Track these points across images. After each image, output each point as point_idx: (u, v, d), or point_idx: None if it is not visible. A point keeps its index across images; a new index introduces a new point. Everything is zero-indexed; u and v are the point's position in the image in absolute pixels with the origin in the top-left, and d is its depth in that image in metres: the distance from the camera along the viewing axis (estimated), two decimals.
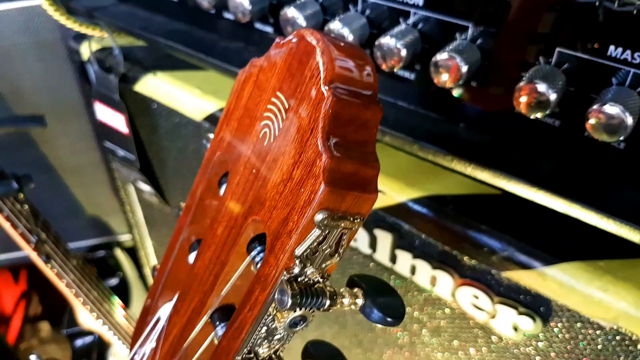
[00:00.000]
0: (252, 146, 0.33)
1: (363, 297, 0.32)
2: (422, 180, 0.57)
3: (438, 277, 0.60)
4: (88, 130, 1.30)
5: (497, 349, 0.62)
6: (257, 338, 0.32)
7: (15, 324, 1.62)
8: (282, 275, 0.29)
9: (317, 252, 0.29)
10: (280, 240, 0.29)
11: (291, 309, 0.29)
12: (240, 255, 0.35)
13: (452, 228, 0.54)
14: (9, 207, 1.03)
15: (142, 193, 1.02)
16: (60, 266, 1.18)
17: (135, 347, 0.46)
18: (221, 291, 0.36)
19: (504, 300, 0.56)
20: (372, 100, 0.28)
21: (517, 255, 0.51)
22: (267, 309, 0.31)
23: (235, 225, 0.34)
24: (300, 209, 0.28)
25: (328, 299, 0.30)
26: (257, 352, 0.33)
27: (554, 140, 0.48)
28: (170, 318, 0.41)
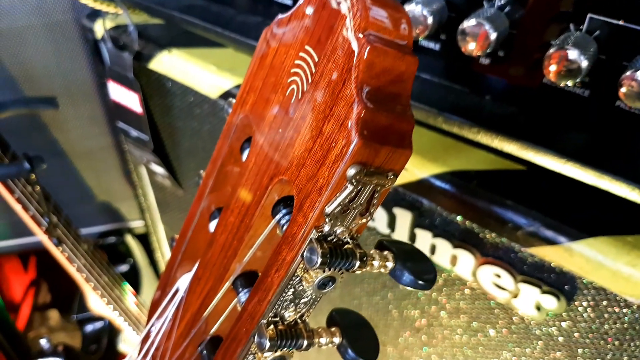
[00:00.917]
0: (279, 105, 0.32)
1: (393, 261, 0.31)
2: (445, 156, 0.56)
3: (459, 256, 0.59)
4: (100, 114, 1.29)
5: (518, 330, 0.60)
6: (284, 301, 0.31)
7: (24, 312, 1.63)
8: (311, 234, 0.28)
9: (348, 210, 0.28)
10: (309, 198, 0.28)
11: (320, 268, 0.28)
12: (264, 218, 0.34)
13: (475, 204, 0.53)
14: (20, 189, 1.03)
15: (154, 175, 1.02)
16: (71, 250, 1.18)
17: (153, 319, 0.45)
18: (244, 257, 0.35)
19: (527, 279, 0.55)
20: (408, 51, 0.27)
21: (543, 231, 0.50)
22: (294, 270, 0.30)
23: (259, 188, 0.33)
24: (331, 164, 0.27)
25: (358, 260, 0.29)
26: (283, 316, 0.32)
27: (584, 110, 0.46)
28: (190, 287, 0.40)
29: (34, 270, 1.76)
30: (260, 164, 0.33)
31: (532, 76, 0.47)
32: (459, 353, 0.70)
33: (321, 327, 0.33)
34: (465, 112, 0.49)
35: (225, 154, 0.38)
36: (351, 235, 0.29)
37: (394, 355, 0.80)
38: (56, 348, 1.19)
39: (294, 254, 0.29)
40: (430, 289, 0.31)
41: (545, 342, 0.59)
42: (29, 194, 1.06)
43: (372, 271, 0.30)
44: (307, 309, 0.32)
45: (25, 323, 1.55)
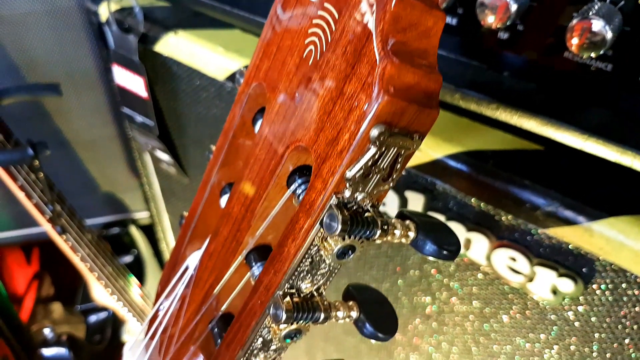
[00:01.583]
0: (295, 68, 0.30)
1: (415, 230, 0.29)
2: (460, 136, 0.54)
3: (473, 239, 0.58)
4: (104, 103, 1.28)
5: (533, 315, 0.59)
6: (301, 272, 0.29)
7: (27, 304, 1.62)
8: (330, 200, 0.27)
9: (370, 174, 0.26)
10: (329, 163, 0.27)
11: (340, 235, 0.27)
12: (279, 189, 0.32)
13: (492, 184, 0.51)
14: (24, 177, 1.02)
15: (159, 163, 1.00)
16: (75, 239, 1.17)
17: (161, 298, 0.43)
18: (257, 230, 0.34)
19: (543, 262, 0.53)
20: (434, 5, 0.26)
21: (562, 211, 0.48)
22: (312, 238, 0.28)
23: (274, 157, 0.32)
24: (353, 125, 0.25)
25: (379, 228, 0.28)
26: (300, 288, 0.30)
27: (606, 86, 0.45)
28: (201, 263, 0.39)
29: (37, 263, 1.75)
30: (274, 132, 0.32)
31: (552, 50, 0.46)
32: (470, 340, 0.69)
33: (338, 301, 0.32)
34: (483, 88, 0.48)
35: (237, 126, 0.37)
36: (372, 203, 0.28)
37: (403, 343, 0.78)
38: (60, 338, 1.18)
39: (312, 221, 0.28)
40: (454, 259, 0.29)
41: (560, 328, 0.57)
42: (32, 181, 1.05)
43: (393, 241, 0.29)
44: (324, 281, 0.31)
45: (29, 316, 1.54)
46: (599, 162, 0.47)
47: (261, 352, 0.33)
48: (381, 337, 0.32)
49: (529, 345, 0.62)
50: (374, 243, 0.28)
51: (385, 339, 0.32)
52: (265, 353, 0.33)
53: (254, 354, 0.33)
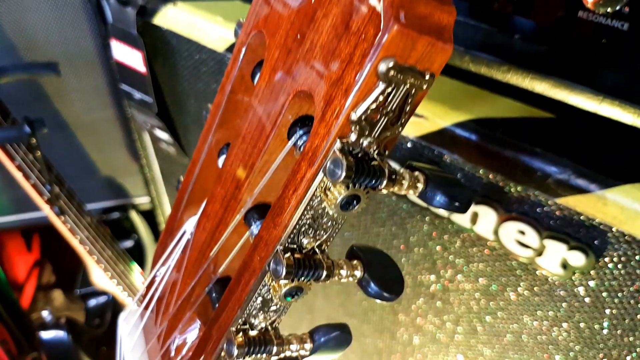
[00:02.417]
0: (297, 9, 0.29)
1: (424, 182, 0.27)
2: (468, 103, 0.52)
3: (480, 213, 0.56)
4: (103, 85, 1.26)
5: (541, 291, 0.57)
6: (302, 226, 0.28)
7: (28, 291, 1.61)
8: (335, 145, 0.25)
9: (377, 117, 0.25)
10: (333, 105, 0.25)
11: (344, 183, 0.25)
12: (280, 142, 0.31)
13: (501, 153, 0.49)
14: (21, 157, 1.00)
15: (159, 143, 0.99)
16: (73, 221, 1.15)
17: (157, 266, 0.42)
18: (257, 186, 0.32)
19: (553, 235, 0.52)
20: None
21: (574, 179, 0.46)
22: (315, 188, 0.26)
23: (275, 107, 0.30)
24: (359, 60, 0.24)
25: (386, 177, 0.26)
26: (302, 244, 0.28)
27: (622, 46, 0.43)
28: (198, 225, 0.37)
29: (38, 251, 1.74)
30: (275, 81, 0.30)
31: (566, 10, 0.44)
32: (475, 319, 0.67)
33: (342, 260, 0.30)
34: (494, 51, 0.46)
35: (235, 80, 0.35)
36: (379, 151, 0.26)
37: (406, 323, 0.77)
38: (58, 321, 1.17)
39: (314, 170, 0.26)
40: (465, 212, 0.28)
41: (569, 304, 0.56)
42: (30, 162, 1.03)
43: (400, 192, 0.27)
44: (327, 237, 0.29)
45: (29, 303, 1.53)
46: (613, 127, 0.45)
47: (261, 313, 0.31)
48: (387, 297, 0.30)
49: (536, 323, 0.60)
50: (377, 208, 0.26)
51: (390, 299, 0.30)
52: (265, 314, 0.31)
53: (253, 315, 0.31)
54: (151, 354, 0.41)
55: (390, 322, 0.81)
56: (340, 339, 0.33)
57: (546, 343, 0.61)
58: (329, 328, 0.33)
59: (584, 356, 0.58)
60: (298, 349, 0.33)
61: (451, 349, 0.73)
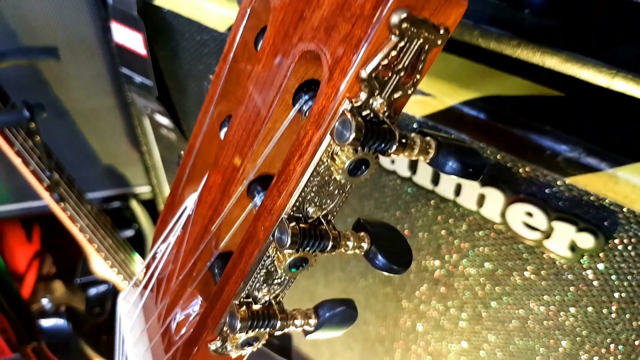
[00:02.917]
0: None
1: (436, 149, 0.26)
2: (477, 81, 0.51)
3: (487, 195, 0.55)
4: (104, 72, 1.25)
5: (548, 275, 0.56)
6: (309, 192, 0.27)
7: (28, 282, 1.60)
8: (343, 106, 0.24)
9: (389, 74, 0.23)
10: (341, 62, 0.24)
11: (352, 145, 0.24)
12: (285, 108, 0.30)
13: (510, 131, 0.48)
14: (20, 142, 0.99)
15: (159, 129, 0.98)
16: (73, 209, 1.14)
17: (157, 243, 0.41)
18: (260, 155, 0.31)
19: (562, 216, 0.50)
20: None
21: (585, 157, 0.45)
22: (321, 153, 0.25)
23: (279, 70, 0.29)
24: (370, 12, 0.22)
25: (397, 141, 0.25)
26: (307, 213, 0.27)
27: (635, 19, 0.41)
28: (200, 199, 0.36)
29: (38, 242, 1.73)
30: (280, 42, 0.29)
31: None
32: (480, 305, 0.66)
33: (349, 231, 0.29)
34: (504, 26, 0.45)
35: (238, 47, 0.34)
36: (389, 113, 0.25)
37: (409, 310, 0.76)
38: (58, 309, 1.16)
39: (321, 132, 0.25)
40: (478, 178, 0.26)
41: (577, 288, 0.55)
42: (29, 148, 1.02)
43: (411, 157, 0.26)
44: (334, 206, 0.28)
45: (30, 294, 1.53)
46: (625, 104, 0.44)
47: (264, 286, 0.30)
48: (395, 269, 0.29)
49: (543, 308, 0.59)
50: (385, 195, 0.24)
51: (398, 272, 0.29)
52: (268, 287, 0.30)
53: (257, 288, 0.30)
54: (151, 333, 0.40)
55: (393, 309, 0.80)
56: (345, 314, 0.32)
57: (552, 328, 0.60)
58: (334, 303, 0.32)
59: (591, 341, 0.57)
60: (302, 324, 0.32)
61: (455, 336, 0.72)
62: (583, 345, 0.58)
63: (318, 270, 0.90)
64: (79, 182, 1.24)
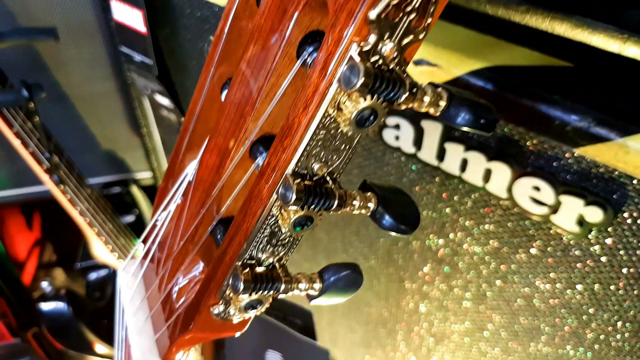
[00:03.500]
0: None
1: (447, 100, 0.25)
2: (484, 52, 0.50)
3: (493, 169, 0.54)
4: (103, 55, 1.23)
5: (555, 252, 0.55)
6: (314, 147, 0.26)
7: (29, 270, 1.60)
8: (350, 50, 0.23)
9: (399, 15, 0.22)
10: (348, 5, 0.23)
11: (360, 91, 0.23)
12: (288, 62, 0.28)
13: (518, 102, 0.47)
14: (20, 124, 0.98)
15: (160, 110, 0.96)
16: (73, 192, 1.14)
17: (157, 213, 0.40)
18: (263, 113, 0.30)
19: (570, 189, 0.49)
20: None
21: (594, 127, 0.44)
22: (327, 103, 0.24)
23: (283, 21, 0.28)
24: None
25: (407, 90, 0.24)
26: (312, 169, 0.26)
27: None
28: (201, 163, 0.35)
29: (39, 230, 1.73)
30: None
31: None
32: (484, 284, 0.65)
33: (355, 191, 0.28)
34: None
35: (239, 4, 0.33)
36: (399, 60, 0.24)
37: (412, 290, 0.75)
38: (58, 292, 1.16)
39: (328, 80, 0.24)
40: (491, 131, 0.25)
41: (584, 264, 0.54)
42: (28, 130, 1.01)
43: (420, 109, 0.25)
44: (339, 163, 0.27)
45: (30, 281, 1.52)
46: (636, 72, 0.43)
47: (268, 247, 0.29)
48: (402, 229, 0.28)
49: (549, 286, 0.58)
50: None
51: (406, 232, 0.28)
52: (272, 248, 0.29)
53: (260, 249, 0.29)
54: (151, 302, 0.39)
55: (395, 291, 0.79)
56: (350, 278, 0.31)
57: (558, 307, 0.59)
58: (339, 267, 0.31)
59: (598, 319, 0.56)
60: (307, 287, 0.31)
61: (459, 316, 0.71)
62: (589, 323, 0.57)
63: (320, 252, 0.89)
64: (79, 168, 1.23)
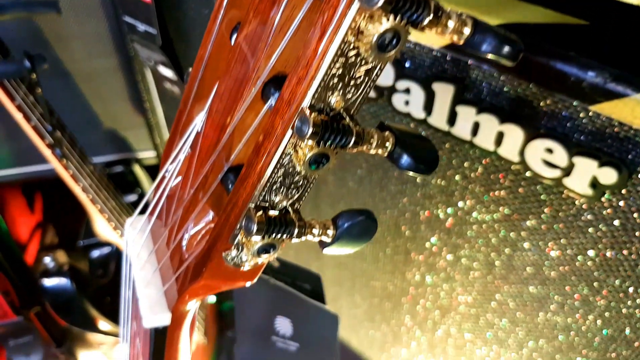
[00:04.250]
0: None
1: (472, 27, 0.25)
2: (498, 9, 0.49)
3: (506, 132, 0.53)
4: (105, 31, 1.22)
5: (567, 217, 0.55)
6: (332, 77, 0.25)
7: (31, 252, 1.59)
8: None
9: None
10: None
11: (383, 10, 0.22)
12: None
13: (533, 59, 0.46)
14: (22, 97, 0.97)
15: (163, 83, 0.95)
16: (76, 167, 1.13)
17: (166, 165, 0.39)
18: (276, 48, 0.29)
19: (584, 150, 0.49)
20: None
21: (610, 82, 0.43)
22: (346, 28, 0.23)
23: None
24: None
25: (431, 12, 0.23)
26: (329, 103, 0.25)
27: None
28: (210, 109, 0.34)
29: (40, 212, 1.72)
30: None
31: None
32: (493, 253, 0.64)
33: (373, 129, 0.27)
34: None
35: None
36: None
37: (419, 263, 0.75)
38: (61, 268, 1.15)
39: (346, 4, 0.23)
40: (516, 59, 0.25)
41: (596, 228, 0.53)
42: (30, 103, 1.00)
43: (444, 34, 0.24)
44: (358, 96, 0.26)
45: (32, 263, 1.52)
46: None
47: (282, 189, 0.28)
48: (421, 169, 0.27)
49: (559, 252, 0.58)
50: None
51: (425, 171, 0.27)
52: (286, 190, 0.29)
53: (274, 191, 0.28)
54: (159, 255, 0.38)
55: (401, 263, 0.78)
56: (365, 225, 0.30)
57: (569, 274, 0.58)
58: (353, 213, 0.30)
59: (609, 286, 0.55)
60: (320, 233, 0.30)
61: (466, 287, 0.71)
62: (600, 290, 0.56)
63: None
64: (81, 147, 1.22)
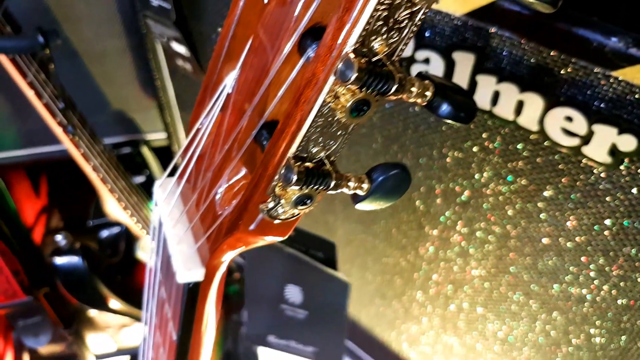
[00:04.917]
0: None
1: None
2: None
3: (526, 101, 0.53)
4: (114, 11, 1.22)
5: (584, 186, 0.55)
6: (376, 19, 0.25)
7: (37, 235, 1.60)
8: None
9: None
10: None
11: None
12: None
13: (555, 25, 0.46)
14: (33, 74, 0.97)
15: (175, 60, 0.95)
16: (87, 146, 1.13)
17: (195, 125, 0.39)
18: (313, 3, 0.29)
19: (604, 118, 0.49)
20: None
21: (633, 47, 0.43)
22: None
23: None
24: None
25: None
26: (372, 47, 0.26)
27: None
28: (244, 64, 0.35)
29: (46, 196, 1.73)
30: None
31: None
32: (509, 225, 0.65)
33: (413, 77, 0.27)
34: None
35: None
36: None
37: (432, 237, 0.75)
38: (72, 246, 1.16)
39: None
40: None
41: (614, 197, 0.53)
42: (42, 81, 1.00)
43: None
44: (399, 40, 0.26)
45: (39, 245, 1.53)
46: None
47: (320, 140, 0.29)
48: (461, 117, 0.28)
49: (576, 222, 0.58)
50: None
51: (464, 120, 0.28)
52: (324, 141, 0.29)
53: (312, 141, 0.29)
54: (190, 216, 0.39)
55: (414, 239, 0.79)
56: (399, 177, 0.31)
57: (585, 244, 0.59)
58: (388, 166, 0.31)
59: (625, 255, 0.56)
60: (355, 186, 0.31)
61: (480, 261, 0.71)
62: (616, 259, 0.57)
63: (337, 203, 0.89)
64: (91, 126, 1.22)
